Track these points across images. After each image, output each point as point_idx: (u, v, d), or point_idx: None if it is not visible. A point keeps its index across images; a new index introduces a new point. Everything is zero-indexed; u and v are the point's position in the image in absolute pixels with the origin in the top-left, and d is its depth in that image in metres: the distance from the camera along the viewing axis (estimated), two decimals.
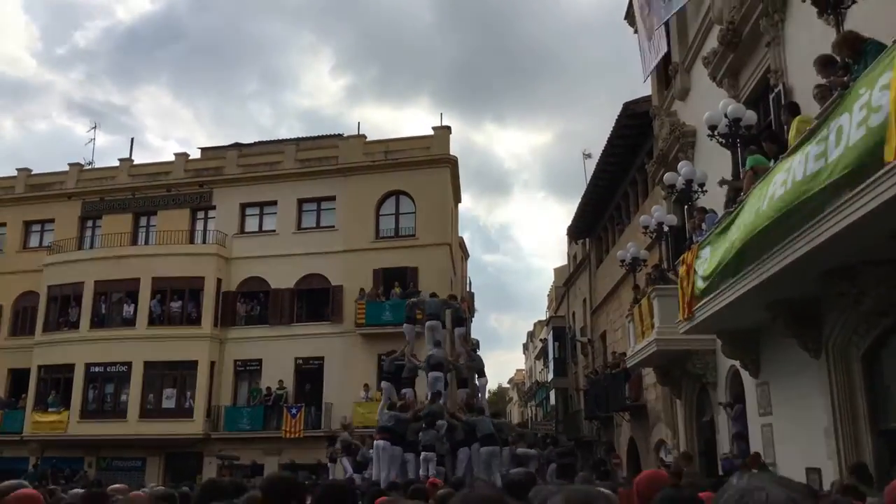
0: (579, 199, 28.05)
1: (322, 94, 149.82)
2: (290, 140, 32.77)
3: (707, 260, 9.93)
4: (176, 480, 19.09)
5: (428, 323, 17.50)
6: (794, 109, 8.87)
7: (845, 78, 7.01)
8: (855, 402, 8.93)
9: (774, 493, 1.43)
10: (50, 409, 28.39)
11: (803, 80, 9.84)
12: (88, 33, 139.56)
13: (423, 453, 14.77)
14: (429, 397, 16.47)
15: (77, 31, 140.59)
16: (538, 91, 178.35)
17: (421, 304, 18.17)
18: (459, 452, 15.11)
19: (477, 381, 18.40)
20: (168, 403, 28.04)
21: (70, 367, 28.60)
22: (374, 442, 15.27)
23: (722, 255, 9.00)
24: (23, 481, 4.33)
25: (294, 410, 26.74)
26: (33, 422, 28.32)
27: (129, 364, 28.04)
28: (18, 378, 30.28)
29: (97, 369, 28.64)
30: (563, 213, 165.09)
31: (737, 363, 12.06)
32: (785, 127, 9.54)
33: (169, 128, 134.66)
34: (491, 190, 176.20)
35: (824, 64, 7.95)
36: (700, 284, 10.12)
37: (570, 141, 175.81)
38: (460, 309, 18.58)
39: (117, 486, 9.20)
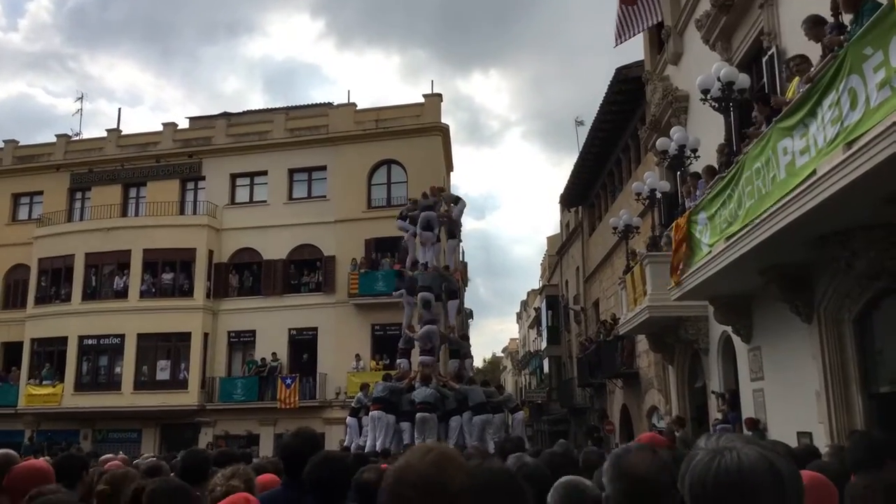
0: (572, 164, 27.90)
1: (298, 38, 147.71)
2: (280, 109, 32.40)
3: (707, 225, 9.84)
4: (172, 451, 19.16)
5: (420, 294, 17.43)
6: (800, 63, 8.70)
7: (841, 37, 6.89)
8: (846, 365, 8.97)
9: (746, 453, 1.38)
10: (44, 382, 28.39)
11: (797, 43, 9.70)
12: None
13: (418, 414, 14.77)
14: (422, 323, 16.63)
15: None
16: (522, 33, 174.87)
17: (416, 276, 17.94)
18: (451, 421, 15.18)
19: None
20: (162, 375, 28.05)
21: (63, 340, 28.54)
22: (370, 412, 15.31)
23: (733, 222, 8.85)
24: (10, 451, 4.27)
25: (288, 381, 26.81)
26: (27, 395, 28.33)
27: (122, 336, 28.00)
28: (11, 351, 30.21)
29: (90, 342, 28.59)
30: (548, 164, 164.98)
31: (729, 329, 12.10)
32: (779, 87, 9.43)
33: (141, 94, 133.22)
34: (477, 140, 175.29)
35: (814, 24, 7.82)
36: (705, 251, 10.04)
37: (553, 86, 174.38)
38: (454, 281, 18.55)
39: (108, 455, 9.22)
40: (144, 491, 3.20)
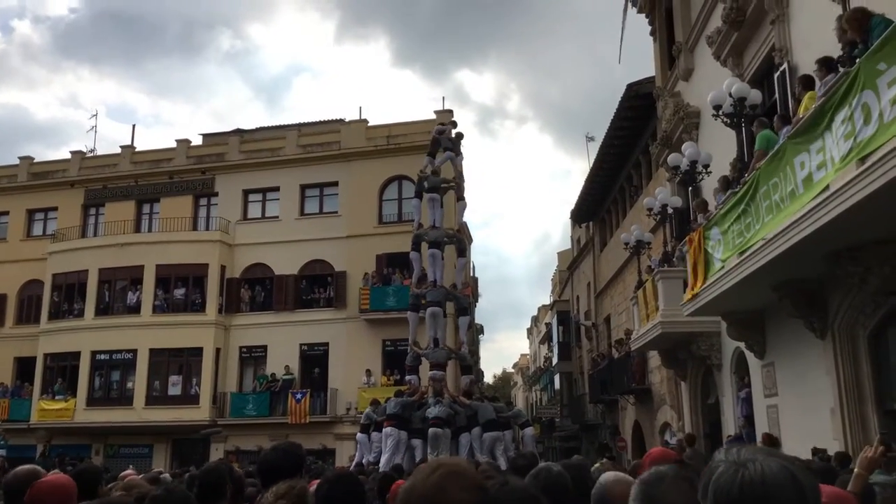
0: (582, 182, 27.91)
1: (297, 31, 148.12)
2: (292, 125, 32.62)
3: (721, 241, 9.83)
4: (183, 466, 19.16)
5: (430, 309, 17.46)
6: (807, 83, 8.74)
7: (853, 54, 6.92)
8: (861, 381, 8.90)
9: (769, 465, 1.39)
10: (56, 397, 28.52)
11: (808, 58, 9.72)
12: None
13: (431, 429, 14.71)
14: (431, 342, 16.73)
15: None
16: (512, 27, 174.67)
17: (424, 293, 17.90)
18: (461, 437, 15.13)
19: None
20: (174, 390, 28.13)
21: (76, 355, 28.69)
22: (383, 429, 15.26)
23: (749, 236, 8.83)
24: (37, 466, 4.28)
25: (299, 396, 26.81)
26: (40, 409, 28.46)
27: (134, 351, 28.12)
28: (24, 366, 30.37)
29: (103, 357, 28.71)
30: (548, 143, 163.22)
31: (742, 345, 12.03)
32: (791, 102, 9.44)
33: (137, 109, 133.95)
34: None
35: (824, 64, 7.91)
36: (717, 266, 10.03)
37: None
38: (463, 298, 18.57)
39: (127, 471, 9.31)
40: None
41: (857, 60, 6.44)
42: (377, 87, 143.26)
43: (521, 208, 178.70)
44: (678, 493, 1.74)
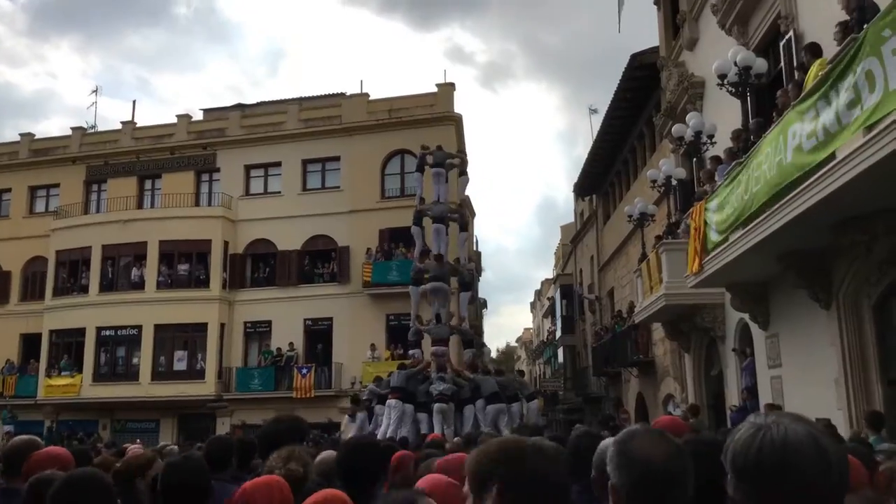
0: (585, 153, 27.76)
1: None
2: (293, 100, 32.41)
3: (717, 212, 9.79)
4: (189, 441, 19.33)
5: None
6: (815, 50, 8.62)
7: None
8: (865, 351, 8.89)
9: (793, 428, 1.36)
10: (63, 373, 28.69)
11: (815, 26, 9.60)
12: None
13: (436, 404, 14.80)
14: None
15: None
16: None
17: (426, 268, 17.83)
18: (465, 410, 15.21)
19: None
20: (179, 365, 28.27)
21: (81, 331, 28.81)
22: (387, 401, 15.33)
23: (741, 207, 8.81)
24: (35, 437, 4.31)
25: (304, 370, 26.94)
26: (46, 386, 28.63)
27: (139, 327, 28.22)
28: (30, 343, 30.53)
29: (108, 333, 28.82)
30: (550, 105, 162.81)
31: (746, 316, 12.02)
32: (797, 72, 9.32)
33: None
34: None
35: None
36: (714, 237, 9.99)
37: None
38: (465, 273, 18.57)
39: (133, 445, 9.41)
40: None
41: (865, 26, 6.35)
42: (369, 42, 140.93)
43: (523, 173, 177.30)
44: (651, 445, 1.75)
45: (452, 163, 19.10)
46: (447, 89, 29.62)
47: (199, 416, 27.52)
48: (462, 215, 18.88)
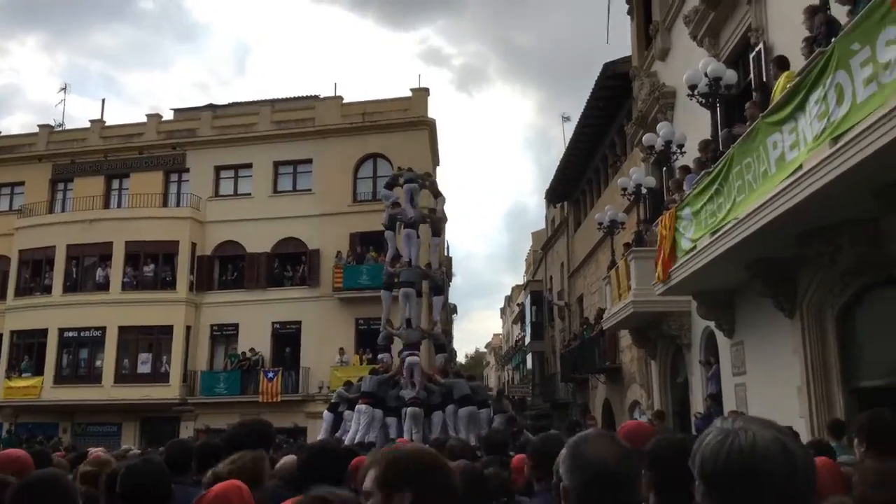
0: (557, 161, 27.95)
1: None
2: (266, 101, 32.17)
3: (693, 222, 9.87)
4: (152, 445, 19.02)
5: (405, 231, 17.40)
6: (782, 64, 8.77)
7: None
8: (828, 360, 9.03)
9: (761, 434, 1.36)
10: (23, 375, 28.07)
11: (784, 39, 9.75)
12: None
13: (409, 408, 14.74)
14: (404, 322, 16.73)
15: None
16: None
17: (398, 272, 17.78)
18: (433, 416, 15.15)
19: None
20: (143, 368, 27.81)
21: (43, 332, 28.21)
22: (357, 405, 15.24)
23: (721, 216, 8.87)
24: None
25: (270, 375, 26.68)
26: (6, 387, 27.96)
27: (103, 329, 27.72)
28: None
29: (71, 334, 28.27)
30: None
31: (712, 324, 12.15)
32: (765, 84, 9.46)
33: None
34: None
35: (812, 13, 7.88)
36: (686, 246, 10.08)
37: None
38: (437, 277, 18.54)
39: (95, 449, 9.20)
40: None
41: (833, 40, 6.46)
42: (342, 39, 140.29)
43: (494, 178, 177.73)
44: (602, 447, 1.83)
45: (423, 214, 18.31)
46: (421, 94, 29.62)
47: (162, 419, 27.10)
48: (435, 220, 18.80)
